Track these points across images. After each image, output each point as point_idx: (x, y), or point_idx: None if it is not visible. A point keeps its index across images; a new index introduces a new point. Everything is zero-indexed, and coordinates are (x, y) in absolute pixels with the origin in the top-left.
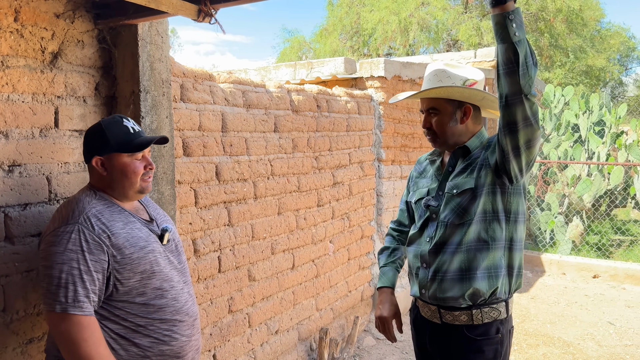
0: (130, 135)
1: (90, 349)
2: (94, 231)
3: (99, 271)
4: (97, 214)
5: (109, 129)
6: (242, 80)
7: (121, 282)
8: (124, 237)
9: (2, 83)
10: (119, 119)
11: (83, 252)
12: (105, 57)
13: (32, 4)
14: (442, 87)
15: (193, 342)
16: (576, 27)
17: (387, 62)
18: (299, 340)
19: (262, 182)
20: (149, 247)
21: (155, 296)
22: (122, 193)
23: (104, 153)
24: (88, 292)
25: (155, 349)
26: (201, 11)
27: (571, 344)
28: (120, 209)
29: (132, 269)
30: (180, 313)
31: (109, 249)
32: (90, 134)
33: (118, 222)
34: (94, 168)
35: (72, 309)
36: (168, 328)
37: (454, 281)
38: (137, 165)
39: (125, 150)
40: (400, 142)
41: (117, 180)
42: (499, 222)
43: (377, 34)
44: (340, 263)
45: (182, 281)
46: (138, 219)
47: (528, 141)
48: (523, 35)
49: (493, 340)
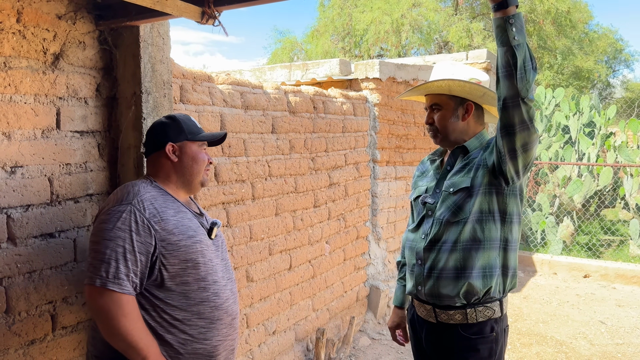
0: (199, 129)
1: (129, 324)
2: (144, 214)
3: (143, 253)
4: (151, 198)
5: (183, 120)
6: (240, 81)
7: (166, 268)
8: (174, 223)
9: (5, 84)
10: (188, 115)
11: (131, 232)
12: (106, 58)
13: (34, 5)
14: (446, 80)
15: (228, 342)
16: (565, 29)
17: (382, 63)
18: (296, 341)
19: (260, 183)
20: (197, 237)
21: (197, 288)
22: (188, 181)
23: (178, 140)
24: (129, 271)
25: (189, 346)
26: (205, 13)
27: (564, 342)
28: (173, 199)
29: (178, 255)
30: (220, 310)
31: (158, 233)
32: (163, 124)
33: (170, 209)
34: (162, 156)
35: (111, 284)
36: (205, 325)
37: (449, 279)
38: (204, 155)
39: (199, 139)
40: (395, 143)
41: (187, 167)
42: (494, 222)
43: (369, 35)
44: (336, 263)
45: (225, 277)
46: (190, 210)
47: (525, 144)
48: (523, 40)
49: (488, 339)
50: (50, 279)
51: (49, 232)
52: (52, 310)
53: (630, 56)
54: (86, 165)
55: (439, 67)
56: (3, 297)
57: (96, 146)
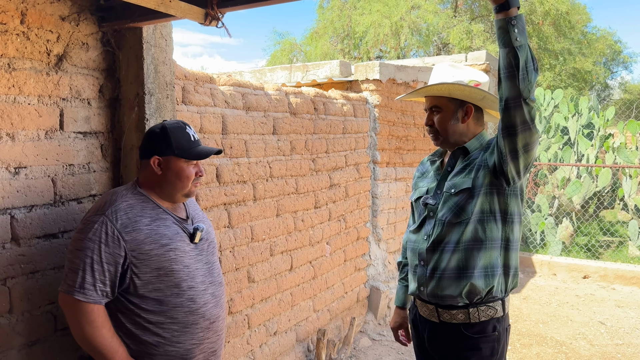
0: (190, 142)
1: (93, 331)
2: (116, 225)
3: (111, 263)
4: (126, 207)
5: (173, 133)
6: (241, 82)
7: (138, 276)
8: (147, 233)
9: (9, 85)
10: (182, 125)
11: (100, 244)
12: (109, 59)
13: (38, 6)
14: (444, 84)
15: (206, 345)
16: (564, 31)
17: (382, 65)
18: (297, 341)
19: (261, 184)
20: (171, 245)
21: (171, 294)
22: (169, 194)
23: (164, 155)
24: (95, 281)
25: (161, 348)
26: (208, 15)
27: (564, 343)
28: (154, 206)
29: (149, 264)
30: (195, 315)
31: (128, 244)
32: (154, 134)
33: (146, 218)
34: (149, 166)
35: (76, 293)
36: (179, 329)
37: (451, 279)
38: (190, 171)
39: (186, 157)
40: (395, 144)
41: (169, 181)
42: (495, 222)
43: (368, 37)
44: (336, 264)
45: (207, 281)
46: (172, 217)
47: (526, 145)
48: (524, 41)
49: (490, 338)
50: (53, 280)
51: (52, 232)
52: (55, 311)
53: (628, 58)
54: (89, 166)
55: (438, 69)
56: (7, 298)
57: (99, 147)
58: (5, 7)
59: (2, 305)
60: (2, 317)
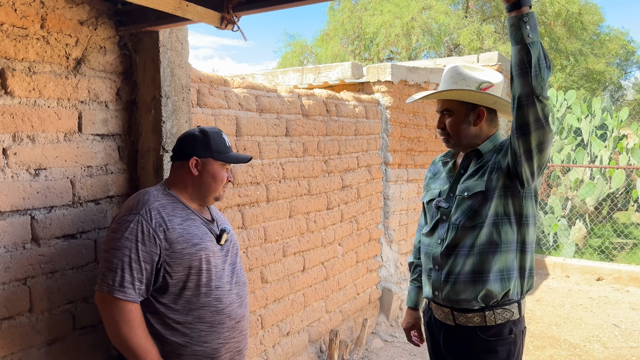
0: (226, 147)
1: (130, 331)
2: (151, 223)
3: (148, 261)
4: (159, 207)
5: (212, 137)
6: (255, 85)
7: (170, 275)
8: (179, 232)
9: (29, 88)
10: (219, 131)
11: (137, 242)
12: (126, 63)
13: (57, 11)
14: (455, 90)
15: (232, 344)
16: (576, 31)
17: (394, 66)
18: (310, 342)
19: (274, 186)
20: (201, 245)
21: (199, 293)
22: (202, 196)
23: (203, 156)
24: (134, 279)
25: (189, 348)
26: (224, 19)
27: (577, 345)
28: (183, 206)
29: (181, 263)
30: (222, 314)
31: (162, 242)
32: (194, 136)
33: (177, 217)
34: (185, 166)
35: (116, 292)
36: (205, 329)
37: (466, 283)
38: (224, 174)
39: (223, 160)
40: (407, 145)
41: (205, 183)
42: (510, 224)
43: (379, 38)
44: (348, 265)
45: (232, 282)
46: (200, 218)
47: (540, 144)
48: (536, 38)
49: (506, 341)
50: (71, 279)
51: (71, 233)
52: (74, 310)
53: None
54: (107, 167)
55: (450, 72)
56: (27, 297)
57: (116, 149)
58: (26, 12)
59: (23, 304)
60: (22, 316)
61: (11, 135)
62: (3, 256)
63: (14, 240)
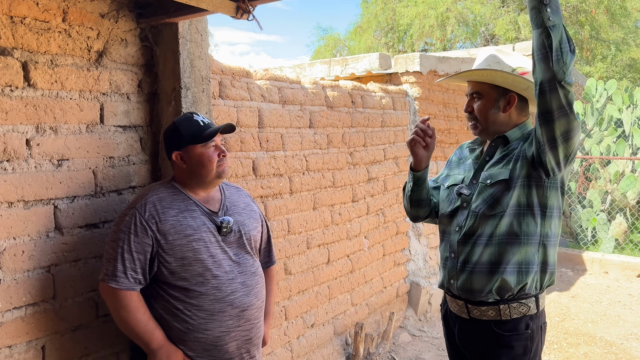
0: (200, 127)
1: (128, 315)
2: (144, 216)
3: (140, 252)
4: (155, 200)
5: (181, 125)
6: (277, 76)
7: (164, 265)
8: (172, 224)
9: (52, 81)
10: (189, 115)
11: (129, 234)
12: (147, 55)
13: (79, 4)
14: (488, 70)
15: (238, 333)
16: (618, 19)
17: (423, 56)
18: (335, 335)
19: (297, 177)
20: (195, 236)
21: (195, 282)
22: (200, 181)
23: (181, 147)
24: (126, 269)
25: (191, 335)
26: (239, 8)
27: (614, 343)
28: (184, 197)
29: (173, 253)
30: (222, 303)
31: (155, 234)
32: (167, 133)
33: (174, 209)
34: (175, 162)
35: (109, 281)
36: (205, 316)
37: (482, 274)
38: (210, 153)
39: (198, 142)
40: (437, 137)
41: (196, 170)
42: (533, 216)
43: (413, 29)
44: (375, 259)
45: (235, 271)
46: (201, 209)
47: (565, 132)
48: (559, 21)
49: (522, 336)
50: (94, 268)
51: (94, 222)
52: (96, 298)
53: None
54: (129, 158)
55: (484, 54)
56: (51, 284)
57: (138, 140)
58: (48, 6)
59: (47, 292)
60: (47, 303)
61: (34, 126)
62: (27, 244)
63: (38, 229)
